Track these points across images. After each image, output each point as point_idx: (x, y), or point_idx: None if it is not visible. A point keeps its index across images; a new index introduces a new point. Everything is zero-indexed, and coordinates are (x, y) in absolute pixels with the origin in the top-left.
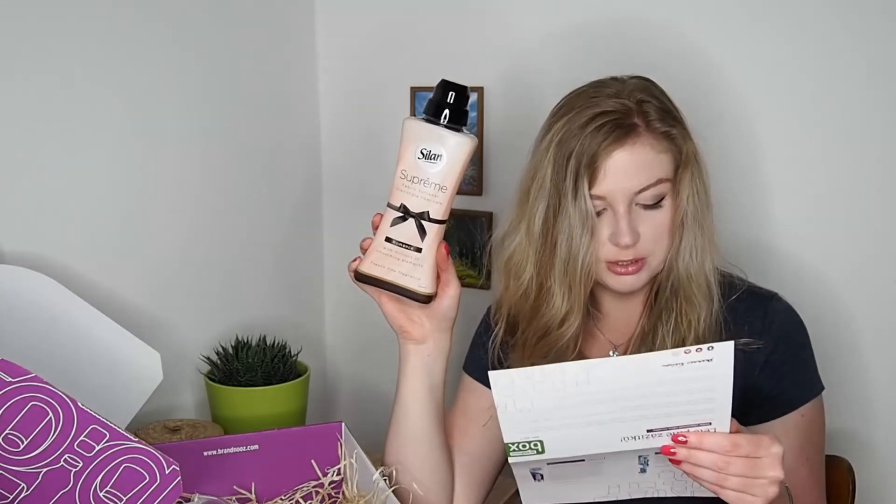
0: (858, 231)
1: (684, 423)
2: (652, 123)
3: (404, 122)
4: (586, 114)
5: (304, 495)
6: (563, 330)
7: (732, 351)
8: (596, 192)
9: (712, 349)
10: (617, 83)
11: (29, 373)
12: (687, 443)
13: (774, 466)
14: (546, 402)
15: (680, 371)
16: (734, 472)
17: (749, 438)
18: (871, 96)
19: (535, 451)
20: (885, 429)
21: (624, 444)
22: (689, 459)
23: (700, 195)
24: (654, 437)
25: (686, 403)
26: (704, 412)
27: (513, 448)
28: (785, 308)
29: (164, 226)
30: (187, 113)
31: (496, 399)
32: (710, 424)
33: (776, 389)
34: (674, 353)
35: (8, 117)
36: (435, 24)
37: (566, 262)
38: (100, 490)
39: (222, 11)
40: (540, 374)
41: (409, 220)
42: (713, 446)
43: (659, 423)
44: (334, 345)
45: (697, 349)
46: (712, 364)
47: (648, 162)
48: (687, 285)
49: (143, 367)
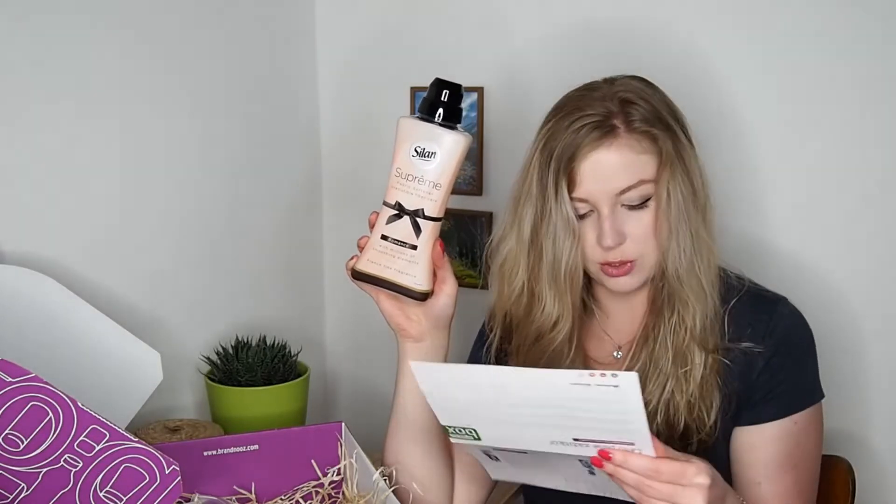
0: (859, 231)
1: (608, 438)
2: (633, 124)
3: (399, 120)
4: (569, 117)
5: (304, 495)
6: (555, 334)
7: (637, 382)
8: (578, 195)
9: (616, 377)
10: (606, 85)
11: (29, 373)
12: (612, 460)
13: (695, 497)
14: (468, 397)
15: (588, 391)
16: (656, 496)
17: (673, 466)
18: (871, 94)
19: (472, 437)
20: (885, 429)
21: (554, 447)
22: (615, 475)
23: (686, 196)
24: (581, 446)
25: (605, 421)
26: (624, 433)
27: (451, 431)
28: (790, 312)
29: (165, 226)
30: (187, 112)
31: (421, 388)
32: (634, 445)
33: (772, 393)
34: (579, 373)
35: (8, 117)
36: (435, 24)
37: (552, 265)
38: (100, 490)
39: (222, 11)
40: (458, 372)
41: (404, 217)
42: (636, 468)
43: (584, 435)
44: (334, 345)
45: (602, 374)
46: (619, 391)
47: (628, 163)
48: (678, 286)
49: (143, 367)
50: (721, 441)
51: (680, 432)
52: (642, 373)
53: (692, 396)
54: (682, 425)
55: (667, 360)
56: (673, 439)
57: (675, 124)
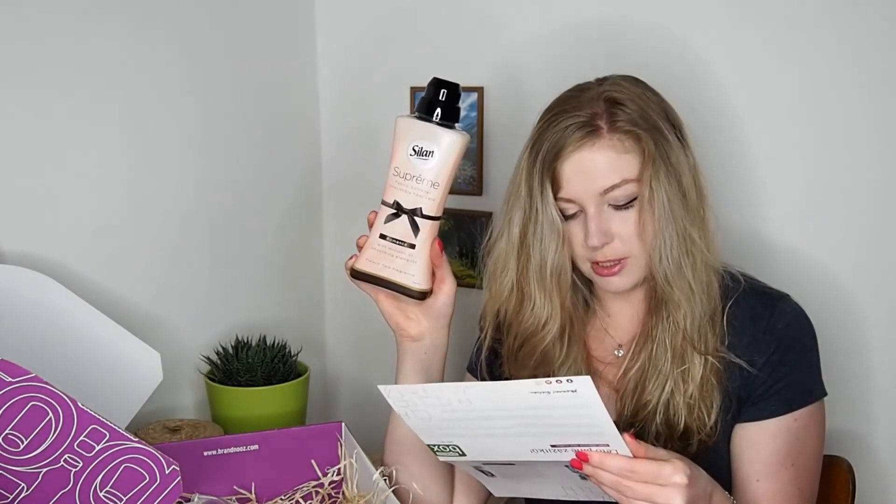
0: (859, 230)
1: (584, 441)
2: (616, 124)
3: (397, 119)
4: (556, 118)
5: (304, 495)
6: (544, 333)
7: (591, 384)
8: (564, 195)
9: (572, 381)
10: (596, 85)
11: (29, 373)
12: (589, 461)
13: (674, 496)
14: (441, 415)
15: (549, 398)
16: (633, 496)
17: (649, 467)
18: (870, 92)
19: (458, 454)
20: (885, 429)
21: (535, 455)
22: (594, 476)
23: (672, 196)
24: (560, 452)
25: (575, 426)
26: (597, 435)
27: (436, 449)
28: (792, 309)
29: (164, 226)
30: (186, 112)
31: (396, 410)
32: (609, 446)
33: (772, 390)
34: (536, 382)
35: (8, 117)
36: (434, 24)
37: (539, 266)
38: (100, 490)
39: (222, 11)
40: (423, 392)
41: (402, 216)
42: (612, 469)
43: (560, 440)
44: (334, 345)
45: (557, 380)
46: (578, 395)
47: (610, 162)
48: (667, 288)
49: (143, 367)
50: (722, 441)
51: (680, 433)
52: (642, 373)
53: (691, 397)
54: (681, 426)
55: (666, 361)
56: (672, 440)
57: (665, 124)
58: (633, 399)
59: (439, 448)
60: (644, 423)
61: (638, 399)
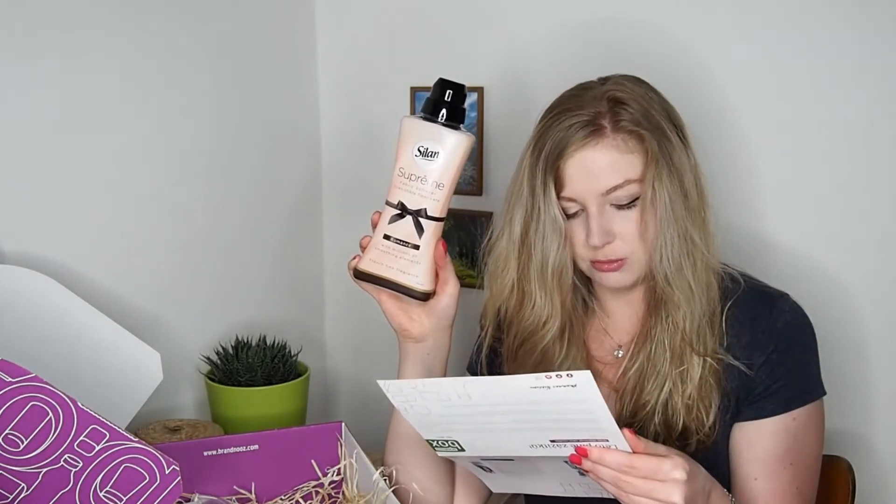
0: (860, 229)
1: (583, 437)
2: (619, 124)
3: (402, 120)
4: (559, 117)
5: (304, 495)
6: (544, 332)
7: (591, 379)
8: (567, 195)
9: (571, 376)
10: (599, 84)
11: (29, 373)
12: (589, 456)
13: (672, 492)
14: (440, 410)
15: (549, 393)
16: (632, 491)
17: (648, 462)
18: (871, 91)
19: (456, 449)
20: (885, 429)
21: (534, 450)
22: (593, 472)
23: (674, 197)
24: (559, 447)
25: (575, 421)
26: (597, 430)
27: (434, 444)
28: (792, 308)
29: (164, 226)
30: (187, 113)
31: (394, 404)
32: (608, 442)
33: (771, 389)
34: (536, 377)
35: (8, 117)
36: (435, 24)
37: (541, 265)
38: (100, 490)
39: (222, 11)
40: (422, 386)
41: (406, 217)
42: (612, 464)
43: (559, 436)
44: (334, 345)
45: (557, 375)
46: (577, 390)
47: (613, 162)
48: (667, 288)
49: (143, 367)
50: (721, 441)
51: (678, 433)
52: (640, 373)
53: (690, 398)
54: (680, 426)
55: (665, 361)
56: (671, 440)
57: (667, 124)
58: (632, 399)
59: (438, 443)
60: (643, 423)
61: (637, 399)
